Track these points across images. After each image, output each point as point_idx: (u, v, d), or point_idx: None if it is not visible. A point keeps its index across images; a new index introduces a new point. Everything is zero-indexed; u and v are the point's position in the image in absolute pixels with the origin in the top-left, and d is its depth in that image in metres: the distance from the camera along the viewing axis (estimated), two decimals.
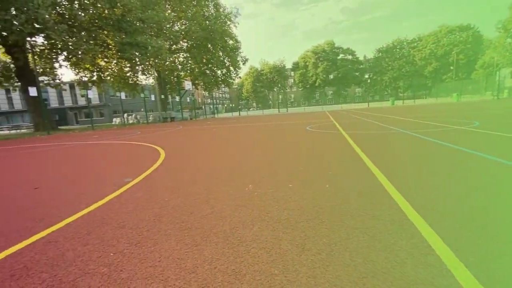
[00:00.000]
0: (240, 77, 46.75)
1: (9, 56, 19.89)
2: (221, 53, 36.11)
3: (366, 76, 75.61)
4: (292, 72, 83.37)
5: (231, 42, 35.94)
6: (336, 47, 74.25)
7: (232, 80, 40.29)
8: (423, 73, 64.90)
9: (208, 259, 1.45)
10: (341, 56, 74.70)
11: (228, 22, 35.22)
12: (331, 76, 74.60)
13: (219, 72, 37.67)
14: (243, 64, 38.27)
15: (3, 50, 19.50)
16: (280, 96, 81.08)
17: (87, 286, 1.28)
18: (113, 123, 33.64)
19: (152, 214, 2.17)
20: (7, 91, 41.23)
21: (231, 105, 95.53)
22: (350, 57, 74.60)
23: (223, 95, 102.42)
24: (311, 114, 23.14)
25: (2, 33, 17.45)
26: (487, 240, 1.46)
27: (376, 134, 6.59)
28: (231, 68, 37.63)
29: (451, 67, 52.63)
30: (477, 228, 1.60)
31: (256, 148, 5.65)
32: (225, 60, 36.91)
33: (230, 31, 35.54)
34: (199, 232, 1.80)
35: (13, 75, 21.36)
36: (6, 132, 29.49)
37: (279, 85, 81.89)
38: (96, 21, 21.17)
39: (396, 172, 2.95)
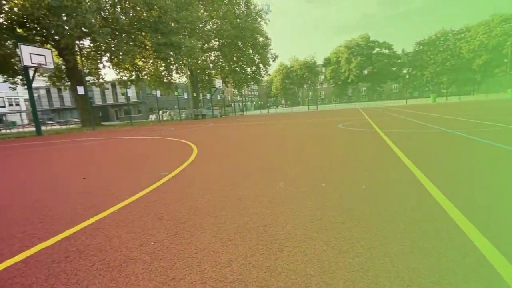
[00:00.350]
0: (269, 74, 46.68)
1: (61, 58, 22.01)
2: (251, 51, 36.32)
3: (404, 71, 70.79)
4: (323, 68, 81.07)
5: (261, 39, 35.97)
6: (371, 41, 70.56)
7: (261, 78, 40.39)
8: (471, 67, 58.94)
9: (242, 254, 1.46)
10: (376, 50, 70.83)
11: (259, 19, 35.28)
12: (365, 72, 71.16)
13: (248, 69, 37.99)
14: (273, 61, 38.16)
15: (56, 52, 21.61)
16: (310, 93, 79.50)
17: (132, 272, 1.37)
18: (149, 119, 35.65)
19: (187, 207, 2.26)
20: (59, 90, 45.78)
21: (259, 102, 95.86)
22: (386, 51, 70.40)
23: (252, 93, 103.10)
24: (343, 111, 22.33)
25: (55, 37, 19.38)
26: None
27: (416, 133, 6.15)
28: (261, 65, 37.71)
29: (505, 60, 47.02)
30: None
31: (286, 145, 5.59)
32: (255, 58, 37.07)
33: (261, 28, 35.56)
34: (233, 227, 1.83)
35: (64, 75, 23.63)
36: (58, 127, 32.75)
37: (309, 81, 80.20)
38: (135, 23, 22.52)
39: (440, 172, 2.73)
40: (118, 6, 21.45)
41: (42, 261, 1.55)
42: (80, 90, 19.23)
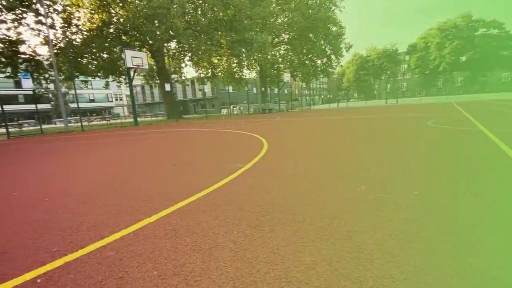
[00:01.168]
0: (341, 65, 43.82)
1: (153, 60, 25.61)
2: (322, 42, 34.67)
3: None
4: (407, 57, 71.30)
5: (334, 28, 33.89)
6: (474, 20, 58.06)
7: (332, 70, 38.27)
8: None
9: (326, 259, 1.40)
10: (481, 31, 57.94)
11: (333, 8, 33.24)
12: (463, 58, 59.23)
13: (319, 61, 36.44)
14: (347, 51, 35.54)
15: (149, 55, 25.26)
16: (389, 85, 71.45)
17: (220, 258, 1.47)
18: (222, 113, 38.33)
19: (265, 201, 2.30)
20: (151, 87, 53.58)
21: (328, 96, 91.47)
22: (495, 31, 56.81)
23: (321, 86, 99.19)
24: (431, 106, 19.23)
25: (149, 41, 22.62)
26: None
27: None
28: (332, 56, 35.66)
29: None
30: None
31: (364, 144, 5.15)
32: (326, 49, 35.24)
33: (334, 17, 33.48)
34: (312, 228, 1.77)
35: (155, 74, 27.50)
36: (149, 118, 38.54)
37: (388, 72, 71.83)
38: (213, 24, 24.26)
39: None
40: (199, 9, 23.49)
41: (148, 235, 1.82)
42: (167, 87, 22.06)
